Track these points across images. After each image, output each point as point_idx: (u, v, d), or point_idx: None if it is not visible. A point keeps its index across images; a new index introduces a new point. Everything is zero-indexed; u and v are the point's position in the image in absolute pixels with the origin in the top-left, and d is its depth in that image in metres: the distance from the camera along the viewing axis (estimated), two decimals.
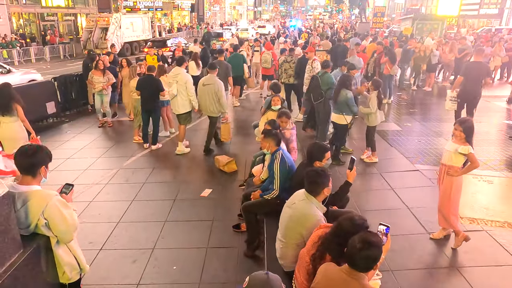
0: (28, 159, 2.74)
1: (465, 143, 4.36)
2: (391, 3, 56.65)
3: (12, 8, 29.28)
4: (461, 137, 4.37)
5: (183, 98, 7.85)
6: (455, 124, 4.48)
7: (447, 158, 4.56)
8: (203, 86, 7.82)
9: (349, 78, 7.28)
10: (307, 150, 4.27)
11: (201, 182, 6.88)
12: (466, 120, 4.49)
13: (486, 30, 26.16)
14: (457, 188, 4.55)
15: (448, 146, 4.60)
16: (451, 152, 4.48)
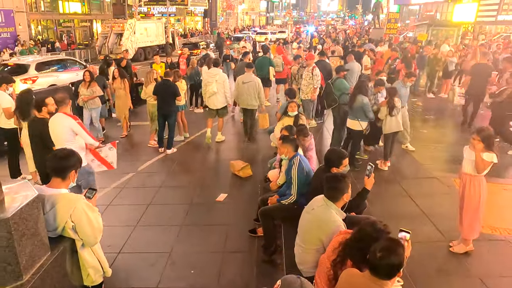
0: (61, 162, 2.85)
1: (486, 149, 4.29)
2: (405, 9, 56.34)
3: (31, 16, 29.93)
4: (480, 147, 4.30)
5: (221, 95, 8.78)
6: (473, 134, 4.41)
7: (470, 167, 4.47)
8: (243, 84, 8.76)
9: (365, 84, 7.29)
10: (325, 156, 4.29)
11: (216, 187, 6.93)
12: (483, 128, 4.41)
13: (505, 37, 25.71)
14: (484, 198, 4.49)
15: (467, 155, 4.52)
16: (473, 161, 4.41)
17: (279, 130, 6.24)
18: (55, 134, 5.13)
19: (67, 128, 5.04)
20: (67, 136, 5.05)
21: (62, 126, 5.06)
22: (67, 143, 4.90)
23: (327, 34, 31.66)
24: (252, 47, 24.36)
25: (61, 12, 33.36)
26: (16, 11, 27.58)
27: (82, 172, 4.64)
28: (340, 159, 4.10)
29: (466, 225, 4.62)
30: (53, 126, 5.14)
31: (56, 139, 5.14)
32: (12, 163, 6.89)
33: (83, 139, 5.15)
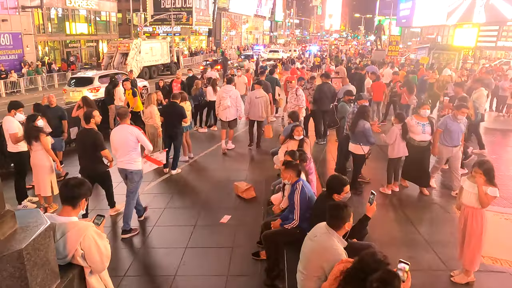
0: (72, 191, 2.96)
1: (489, 183, 4.33)
2: (407, 31, 57.05)
3: (39, 37, 30.61)
4: (482, 179, 4.34)
5: (233, 109, 9.91)
6: (474, 167, 4.46)
7: (471, 201, 4.50)
8: (256, 99, 9.99)
9: (367, 109, 7.40)
10: (327, 182, 4.38)
11: (220, 208, 7.00)
12: (484, 161, 4.46)
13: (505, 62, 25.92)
14: (485, 230, 4.51)
15: (468, 187, 4.54)
16: (476, 194, 4.42)
17: (283, 154, 6.35)
18: (122, 142, 5.93)
19: (133, 136, 5.90)
20: (132, 143, 5.93)
21: (129, 134, 5.90)
22: (131, 150, 5.93)
23: (330, 53, 32.13)
24: (255, 65, 24.71)
25: (68, 33, 34.06)
26: (24, 34, 28.23)
27: (138, 174, 6.09)
28: (341, 186, 4.18)
29: (468, 257, 4.61)
30: (119, 135, 5.97)
31: (121, 146, 5.93)
32: (19, 186, 7.00)
33: (144, 145, 6.10)
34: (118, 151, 6.01)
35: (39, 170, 6.55)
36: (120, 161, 6.04)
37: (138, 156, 6.06)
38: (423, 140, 7.18)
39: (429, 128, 7.17)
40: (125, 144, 5.91)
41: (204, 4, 53.64)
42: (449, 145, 7.03)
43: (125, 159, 6.00)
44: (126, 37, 40.48)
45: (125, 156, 5.99)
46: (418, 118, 7.21)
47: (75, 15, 34.66)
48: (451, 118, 6.98)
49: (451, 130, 6.94)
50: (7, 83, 23.16)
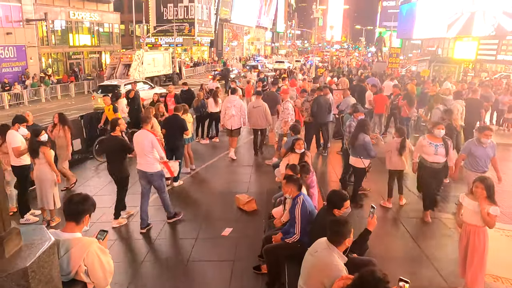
0: (76, 207, 3.00)
1: (490, 202, 4.35)
2: (407, 43, 57.40)
3: (42, 49, 30.91)
4: (483, 195, 4.37)
5: (238, 118, 10.36)
6: (475, 182, 4.49)
7: (473, 218, 4.51)
8: (254, 108, 10.42)
9: (366, 122, 7.46)
10: (327, 197, 4.42)
11: (222, 221, 7.02)
12: (486, 177, 4.50)
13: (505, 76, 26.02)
14: (487, 247, 4.53)
15: (468, 204, 4.55)
16: (476, 212, 4.44)
17: (285, 167, 6.39)
18: (141, 146, 6.44)
19: (149, 141, 6.37)
20: (149, 148, 6.38)
21: (147, 140, 6.39)
22: (148, 154, 6.41)
23: (332, 64, 32.29)
24: (257, 77, 24.83)
25: (71, 45, 34.38)
26: (28, 46, 28.54)
27: (158, 174, 6.56)
28: (341, 201, 4.22)
29: (471, 276, 4.60)
30: (139, 139, 6.49)
31: (141, 150, 6.45)
32: (21, 199, 7.05)
33: (157, 152, 6.48)
34: (137, 154, 6.63)
35: (43, 184, 6.61)
36: (139, 163, 6.64)
37: (155, 159, 6.52)
38: (436, 161, 6.67)
39: (443, 150, 6.59)
40: (143, 148, 6.45)
41: (206, 15, 54.13)
42: (476, 170, 6.33)
43: (143, 162, 6.57)
44: (128, 48, 40.75)
45: (143, 159, 6.55)
46: (431, 138, 6.70)
47: (78, 27, 35.01)
48: (475, 143, 6.42)
49: (476, 156, 6.37)
50: (11, 95, 23.33)
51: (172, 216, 6.97)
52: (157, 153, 6.51)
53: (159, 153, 6.54)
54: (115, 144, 6.70)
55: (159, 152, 6.54)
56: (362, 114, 8.18)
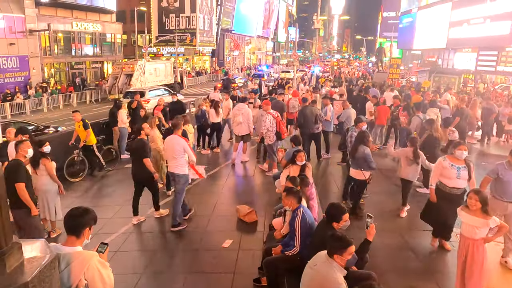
0: (76, 221, 3.02)
1: (485, 214, 4.36)
2: (408, 53, 57.70)
3: (45, 59, 31.16)
4: (477, 207, 4.38)
5: (245, 125, 10.81)
6: (469, 193, 4.51)
7: (470, 232, 4.52)
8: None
9: (366, 134, 7.49)
10: (326, 210, 4.43)
11: (222, 232, 7.02)
12: (479, 190, 4.53)
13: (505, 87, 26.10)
14: (487, 261, 4.52)
15: (467, 219, 4.55)
16: (473, 226, 4.45)
17: (285, 178, 6.42)
18: (172, 150, 6.93)
19: (181, 146, 6.86)
20: (178, 152, 6.86)
21: (178, 144, 6.87)
22: (177, 157, 6.89)
23: (334, 75, 32.43)
24: (258, 87, 25.00)
25: (74, 55, 34.64)
26: (31, 56, 28.79)
27: (184, 177, 7.04)
28: (340, 214, 4.24)
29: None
30: (170, 143, 6.98)
31: (171, 153, 6.94)
32: None
33: (189, 156, 6.99)
34: (168, 157, 7.21)
35: (45, 195, 6.64)
36: (169, 165, 7.17)
37: (184, 162, 7.00)
38: (457, 187, 5.89)
39: (466, 173, 5.84)
40: (173, 151, 6.94)
41: (208, 26, 54.60)
42: (504, 199, 5.50)
43: (172, 164, 7.05)
44: (131, 58, 41.08)
45: (172, 161, 7.03)
46: (453, 160, 5.93)
47: (81, 37, 35.31)
48: (505, 166, 5.52)
49: (505, 181, 5.46)
50: (13, 105, 23.46)
51: (176, 225, 7.08)
52: (187, 156, 7.03)
53: (190, 157, 7.06)
54: (139, 145, 7.25)
55: (191, 156, 7.07)
56: (365, 124, 8.23)
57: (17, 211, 5.64)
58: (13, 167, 5.61)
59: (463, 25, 33.58)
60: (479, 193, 4.43)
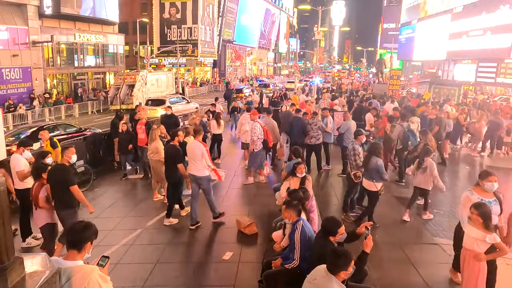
0: (78, 235, 3.06)
1: (486, 229, 4.38)
2: (408, 64, 57.99)
3: (48, 71, 31.40)
4: (478, 222, 4.40)
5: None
6: (471, 208, 4.52)
7: (471, 244, 4.53)
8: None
9: (379, 146, 7.62)
10: (322, 224, 4.46)
11: (223, 244, 7.04)
12: (480, 204, 4.52)
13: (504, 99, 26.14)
14: (483, 274, 4.52)
15: (468, 230, 4.58)
16: (475, 239, 4.46)
17: (285, 190, 6.45)
18: (193, 154, 7.57)
19: (200, 150, 7.50)
20: (198, 156, 7.49)
21: (198, 149, 7.53)
22: (198, 161, 7.51)
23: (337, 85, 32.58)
24: (259, 98, 25.14)
25: (76, 66, 34.91)
26: (34, 67, 29.02)
27: (205, 178, 7.65)
28: (335, 228, 4.26)
29: None
30: (192, 148, 7.65)
31: (193, 157, 7.57)
32: (24, 222, 7.08)
33: (205, 161, 7.60)
34: (189, 160, 7.74)
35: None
36: (190, 168, 7.74)
37: (203, 166, 7.62)
38: None
39: (498, 208, 5.06)
40: (194, 155, 7.58)
41: (209, 37, 55.05)
42: None
43: (193, 167, 7.66)
44: (133, 69, 41.39)
45: (193, 165, 7.64)
46: (481, 193, 5.15)
47: (83, 48, 35.61)
48: None
49: None
50: (15, 116, 23.58)
51: (217, 216, 7.87)
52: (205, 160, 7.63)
53: (206, 161, 7.64)
54: (173, 152, 7.80)
55: (207, 161, 7.66)
56: (364, 137, 8.29)
57: (64, 212, 6.04)
58: (61, 171, 6.02)
59: (462, 37, 33.82)
60: (479, 208, 4.44)
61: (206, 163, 7.66)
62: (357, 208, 8.38)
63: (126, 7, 45.54)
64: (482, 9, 30.93)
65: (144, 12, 51.23)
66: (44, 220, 6.18)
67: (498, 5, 28.60)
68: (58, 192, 5.95)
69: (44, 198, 6.09)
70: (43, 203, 6.08)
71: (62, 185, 5.89)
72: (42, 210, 6.14)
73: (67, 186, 5.89)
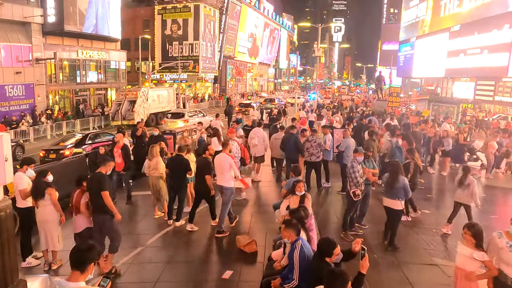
0: (82, 256, 3.12)
1: (478, 248, 4.42)
2: (407, 81, 58.38)
3: (50, 87, 31.63)
4: (471, 242, 4.45)
5: (261, 146, 12.11)
6: (464, 228, 4.59)
7: (462, 262, 4.57)
8: (275, 140, 12.16)
9: (399, 164, 7.79)
10: (317, 244, 4.50)
11: (222, 263, 7.07)
12: (474, 224, 4.59)
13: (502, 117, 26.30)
14: None
15: (461, 249, 4.62)
16: (466, 257, 4.50)
17: (285, 208, 6.50)
18: (220, 165, 8.15)
19: (228, 162, 8.13)
20: (225, 167, 8.08)
21: (225, 161, 8.14)
22: (226, 172, 8.11)
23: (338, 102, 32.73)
24: (260, 114, 25.30)
25: (78, 82, 35.18)
26: (36, 84, 29.29)
27: (230, 189, 8.20)
28: (331, 249, 4.28)
29: None
30: (219, 160, 8.21)
31: (220, 168, 8.16)
32: (24, 241, 7.06)
33: (234, 172, 8.27)
34: (216, 172, 8.29)
35: (48, 225, 6.68)
36: (218, 179, 8.30)
37: (230, 177, 8.17)
38: None
39: None
40: (222, 167, 8.14)
41: (210, 53, 55.58)
42: None
43: (220, 178, 8.20)
44: (134, 84, 41.63)
45: (220, 176, 8.20)
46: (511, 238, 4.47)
47: (86, 64, 35.93)
48: None
49: None
50: (17, 132, 23.68)
51: (220, 232, 8.15)
52: (233, 172, 8.22)
53: (235, 173, 8.32)
54: (204, 164, 8.33)
55: (236, 172, 8.34)
56: (362, 155, 8.31)
57: (100, 216, 6.45)
58: (98, 178, 6.47)
59: (460, 55, 34.18)
60: (472, 228, 4.50)
61: (235, 173, 8.31)
62: (357, 227, 8.40)
63: (129, 24, 46.13)
64: (478, 29, 31.41)
65: (146, 28, 51.87)
66: (84, 225, 6.62)
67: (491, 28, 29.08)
68: (96, 198, 6.39)
69: (85, 204, 6.58)
70: (84, 209, 6.55)
71: (99, 191, 6.35)
72: (81, 216, 6.61)
73: (100, 192, 6.33)
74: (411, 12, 51.47)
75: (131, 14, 49.56)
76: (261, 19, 75.54)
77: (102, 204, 6.34)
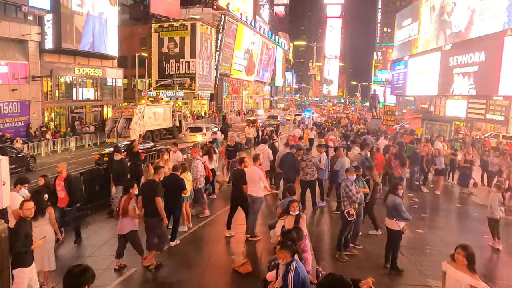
0: (76, 279, 3.12)
1: (470, 272, 4.41)
2: (401, 99, 59.01)
3: (46, 104, 31.65)
4: (463, 263, 4.45)
5: (266, 162, 12.44)
6: (457, 249, 4.58)
7: (453, 286, 4.54)
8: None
9: (398, 184, 7.77)
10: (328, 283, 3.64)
11: (216, 284, 7.01)
12: (467, 246, 4.58)
13: (494, 135, 26.59)
14: None
15: (452, 273, 4.60)
16: (460, 282, 4.47)
17: (280, 228, 6.51)
18: (252, 178, 8.76)
19: (258, 174, 8.84)
20: (256, 179, 8.77)
21: (256, 174, 8.84)
22: (257, 183, 8.78)
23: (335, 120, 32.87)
24: (256, 132, 25.40)
25: (75, 99, 35.22)
26: (32, 101, 29.33)
27: (259, 199, 8.88)
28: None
29: None
30: (250, 173, 8.83)
31: (252, 181, 8.74)
32: None
33: (263, 183, 8.98)
34: (248, 183, 8.77)
35: (46, 245, 6.54)
36: (249, 189, 8.82)
37: (260, 188, 8.85)
38: None
39: None
40: (253, 178, 8.78)
41: (207, 70, 55.98)
42: None
43: (251, 188, 8.80)
44: (131, 101, 41.74)
45: (252, 187, 8.79)
46: None
47: (82, 82, 36.04)
48: None
49: None
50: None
51: (253, 236, 8.88)
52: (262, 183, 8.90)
53: (264, 183, 9.05)
54: (239, 175, 8.91)
55: (264, 183, 9.10)
56: (354, 174, 8.32)
57: (152, 219, 7.45)
58: (152, 185, 7.54)
59: (453, 74, 34.73)
60: (465, 250, 4.51)
61: (264, 184, 9.02)
62: (351, 247, 8.39)
63: (126, 42, 46.47)
64: (469, 49, 32.04)
65: (143, 46, 52.27)
66: (130, 227, 7.41)
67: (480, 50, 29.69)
68: (148, 203, 7.34)
69: (133, 209, 7.32)
70: (132, 213, 7.32)
71: (153, 197, 7.31)
72: (128, 219, 7.37)
73: (154, 198, 7.29)
74: (404, 32, 52.43)
75: (128, 32, 49.97)
76: (257, 37, 76.46)
77: (154, 209, 7.29)
